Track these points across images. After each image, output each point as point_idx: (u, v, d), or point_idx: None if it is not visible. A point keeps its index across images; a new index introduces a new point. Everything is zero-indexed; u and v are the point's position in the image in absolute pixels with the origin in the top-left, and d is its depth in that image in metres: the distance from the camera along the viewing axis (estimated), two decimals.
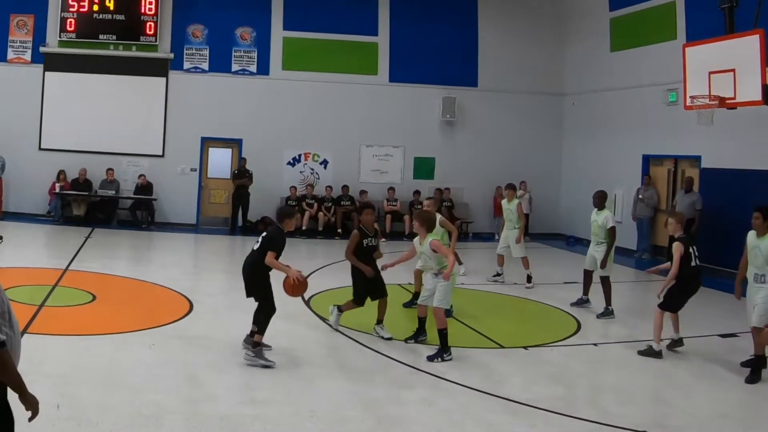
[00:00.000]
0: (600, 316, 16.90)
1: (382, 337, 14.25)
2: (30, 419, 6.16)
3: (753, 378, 12.48)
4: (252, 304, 12.52)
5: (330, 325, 14.87)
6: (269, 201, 29.92)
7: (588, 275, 17.88)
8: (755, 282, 12.61)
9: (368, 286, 14.46)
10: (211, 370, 11.65)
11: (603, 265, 17.22)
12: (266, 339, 12.28)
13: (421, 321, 14.29)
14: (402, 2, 32.33)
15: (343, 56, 32.09)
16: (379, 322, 14.60)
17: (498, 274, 21.46)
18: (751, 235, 12.94)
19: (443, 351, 13.00)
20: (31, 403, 6.11)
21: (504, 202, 21.95)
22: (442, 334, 13.06)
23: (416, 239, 14.34)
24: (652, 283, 18.40)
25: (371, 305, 14.44)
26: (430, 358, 12.93)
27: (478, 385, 11.57)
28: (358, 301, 14.62)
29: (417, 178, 32.44)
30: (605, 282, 17.16)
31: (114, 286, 18.01)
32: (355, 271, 14.54)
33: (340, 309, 14.90)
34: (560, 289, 20.46)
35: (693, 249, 13.90)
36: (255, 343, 12.22)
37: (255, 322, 12.45)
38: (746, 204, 17.25)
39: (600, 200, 17.95)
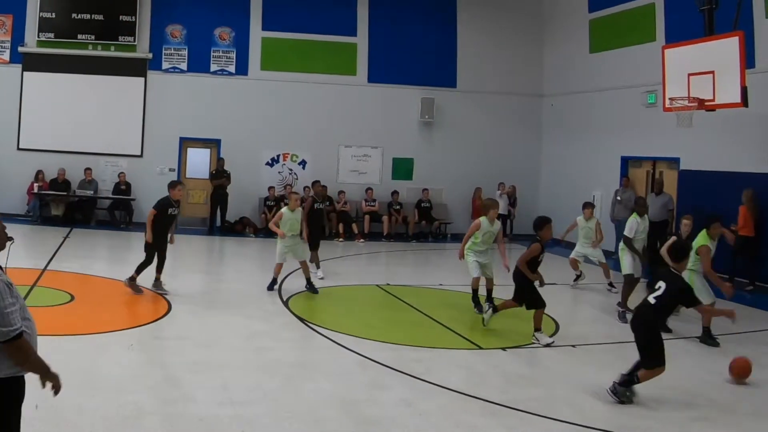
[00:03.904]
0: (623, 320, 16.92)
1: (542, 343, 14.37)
2: (55, 394, 6.74)
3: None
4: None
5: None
6: (248, 201, 29.98)
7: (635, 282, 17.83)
8: None
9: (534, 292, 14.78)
10: (189, 371, 11.63)
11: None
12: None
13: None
14: (381, 3, 32.38)
15: (322, 57, 32.10)
16: (537, 329, 14.65)
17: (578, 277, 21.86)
18: None
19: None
20: (55, 380, 6.74)
21: (581, 219, 21.92)
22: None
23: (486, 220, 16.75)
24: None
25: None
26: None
27: (457, 386, 11.59)
28: (517, 300, 14.94)
29: (395, 179, 32.49)
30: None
31: (92, 287, 17.97)
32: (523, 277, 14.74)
33: (495, 308, 15.52)
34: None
35: None
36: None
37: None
38: (725, 206, 17.39)
39: (645, 207, 17.94)
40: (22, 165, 29.62)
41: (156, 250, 17.20)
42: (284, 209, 18.90)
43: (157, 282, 17.44)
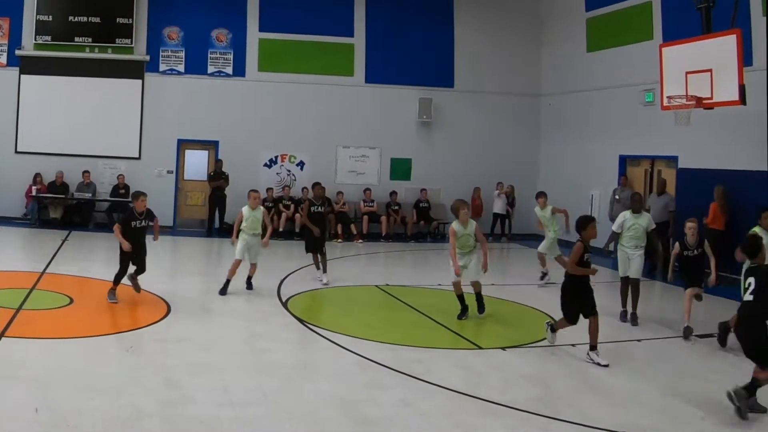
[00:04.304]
0: (635, 323, 16.89)
1: (599, 364, 13.34)
2: None
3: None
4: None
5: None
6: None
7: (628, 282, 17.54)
8: None
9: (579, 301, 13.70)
10: (188, 373, 11.62)
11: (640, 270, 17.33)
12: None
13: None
14: (378, 3, 32.39)
15: (319, 57, 32.10)
16: (593, 348, 13.58)
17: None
18: None
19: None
20: None
21: (537, 209, 22.06)
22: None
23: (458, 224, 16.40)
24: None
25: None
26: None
27: (457, 387, 11.59)
28: (569, 318, 13.83)
29: (394, 179, 32.47)
30: (638, 287, 17.25)
31: (91, 289, 17.91)
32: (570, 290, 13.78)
33: (554, 328, 14.40)
34: (537, 290, 20.54)
35: None
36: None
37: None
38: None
39: (640, 204, 17.72)
40: (20, 168, 29.60)
41: (129, 259, 16.69)
42: (244, 208, 18.87)
43: (133, 280, 16.94)
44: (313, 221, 20.52)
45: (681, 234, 16.68)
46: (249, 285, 18.67)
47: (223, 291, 18.04)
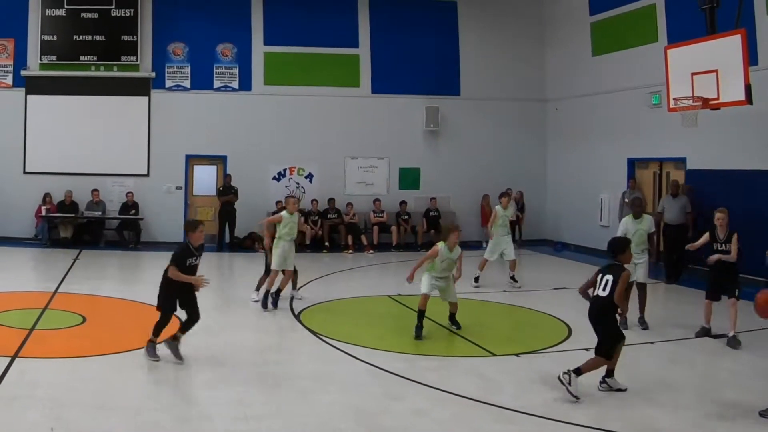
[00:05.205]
0: (644, 326, 16.82)
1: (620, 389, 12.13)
2: None
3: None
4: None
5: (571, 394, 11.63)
6: (256, 217, 29.81)
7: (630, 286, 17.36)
8: None
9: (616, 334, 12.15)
10: (204, 388, 11.66)
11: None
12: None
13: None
14: (382, 13, 32.41)
15: (325, 69, 32.12)
16: (609, 374, 12.14)
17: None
18: None
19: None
20: None
21: (499, 208, 22.11)
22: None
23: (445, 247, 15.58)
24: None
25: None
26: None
27: (471, 394, 11.59)
28: (604, 354, 11.96)
29: (402, 189, 32.45)
30: (645, 290, 17.18)
31: (104, 307, 17.97)
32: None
33: (579, 371, 11.77)
34: (550, 295, 20.50)
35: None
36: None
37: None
38: (732, 204, 17.30)
39: (640, 208, 17.58)
40: (29, 188, 29.65)
41: (175, 301, 13.70)
42: (283, 212, 18.52)
43: (173, 341, 13.49)
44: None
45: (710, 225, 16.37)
46: (276, 300, 18.08)
47: (266, 303, 17.90)
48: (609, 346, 11.85)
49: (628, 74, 27.75)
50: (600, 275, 12.04)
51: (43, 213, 29.20)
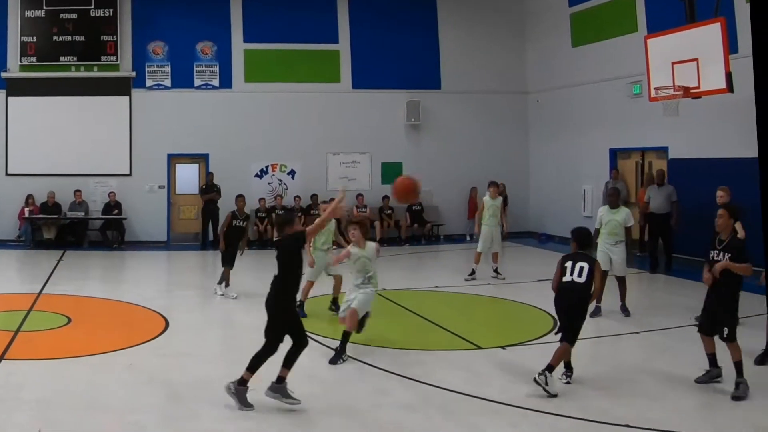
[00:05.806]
0: (626, 314, 16.91)
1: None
2: None
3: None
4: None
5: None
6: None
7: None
8: None
9: None
10: (191, 387, 11.61)
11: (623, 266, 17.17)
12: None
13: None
14: (361, 8, 32.39)
15: (305, 65, 32.09)
16: (551, 369, 11.53)
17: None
18: None
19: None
20: None
21: (487, 199, 22.08)
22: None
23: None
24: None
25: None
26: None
27: (458, 387, 11.60)
28: (572, 340, 11.88)
29: (385, 184, 32.34)
30: (624, 282, 17.19)
31: (89, 308, 17.94)
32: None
33: (552, 368, 11.56)
34: (534, 287, 20.51)
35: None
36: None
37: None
38: (714, 192, 17.32)
39: (616, 198, 17.55)
40: (12, 190, 29.58)
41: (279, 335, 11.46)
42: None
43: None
44: (232, 235, 19.79)
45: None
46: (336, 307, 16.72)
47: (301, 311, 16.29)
48: (577, 332, 11.92)
49: (609, 65, 27.81)
50: (570, 262, 12.07)
51: (26, 214, 29.11)
